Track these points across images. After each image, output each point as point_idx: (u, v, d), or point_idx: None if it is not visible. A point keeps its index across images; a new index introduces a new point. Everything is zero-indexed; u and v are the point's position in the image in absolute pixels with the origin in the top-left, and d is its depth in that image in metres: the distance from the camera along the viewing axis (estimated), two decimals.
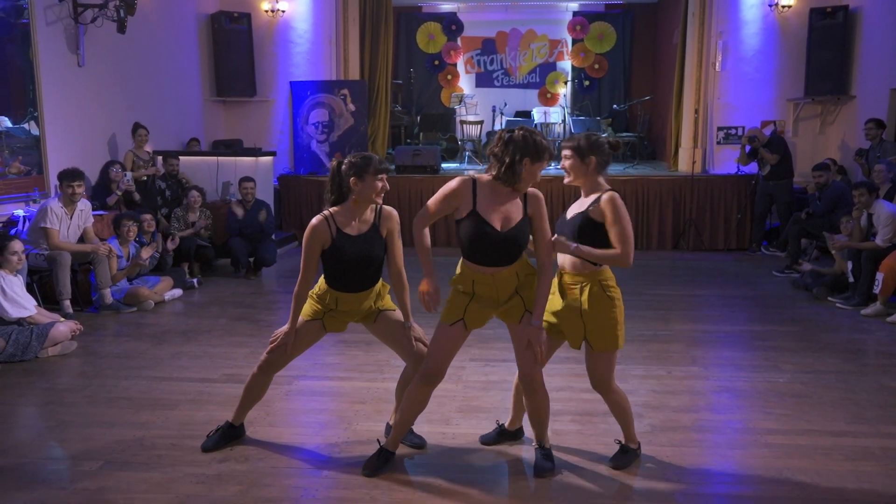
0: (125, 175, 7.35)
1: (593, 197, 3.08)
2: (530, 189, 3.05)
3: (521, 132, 3.00)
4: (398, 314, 3.42)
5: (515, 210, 3.02)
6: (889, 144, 7.88)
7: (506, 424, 3.54)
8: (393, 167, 10.29)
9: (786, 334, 5.45)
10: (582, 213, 3.07)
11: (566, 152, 3.08)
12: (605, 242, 3.03)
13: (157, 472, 3.23)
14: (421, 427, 3.72)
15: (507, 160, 2.95)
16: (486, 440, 3.55)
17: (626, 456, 3.31)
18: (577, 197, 3.22)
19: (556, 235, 3.11)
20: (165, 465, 3.30)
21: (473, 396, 4.17)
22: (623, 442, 3.34)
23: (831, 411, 3.94)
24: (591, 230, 3.03)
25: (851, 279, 6.34)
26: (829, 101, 9.64)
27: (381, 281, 3.41)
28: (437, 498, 3.02)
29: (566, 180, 3.17)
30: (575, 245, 3.01)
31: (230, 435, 3.50)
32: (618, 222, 2.98)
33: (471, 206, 3.00)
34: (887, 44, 8.45)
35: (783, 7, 9.60)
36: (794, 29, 9.64)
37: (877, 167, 7.01)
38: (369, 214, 3.32)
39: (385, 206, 3.37)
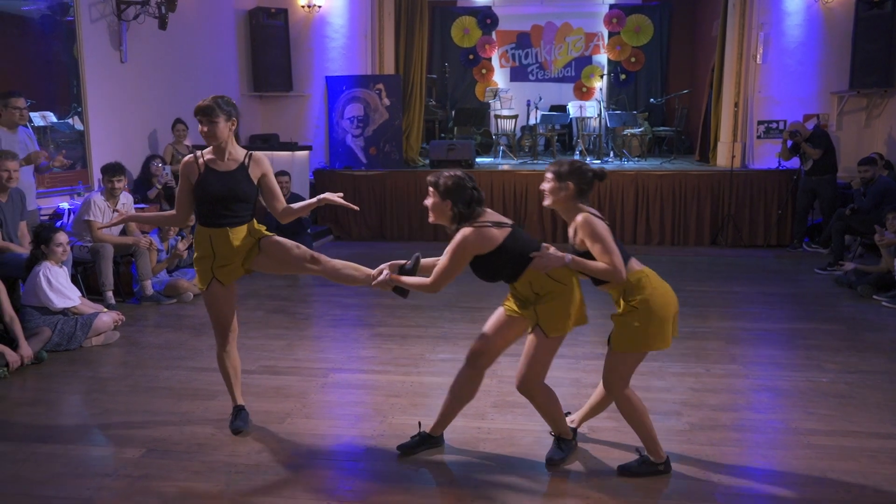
0: (165, 169, 7.48)
1: (573, 227, 3.10)
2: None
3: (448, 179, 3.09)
4: (278, 237, 3.50)
5: None
6: None
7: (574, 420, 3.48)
8: (427, 161, 10.31)
9: (829, 333, 5.32)
10: (572, 247, 3.12)
11: (548, 175, 3.10)
12: None
13: (197, 460, 3.29)
14: (456, 422, 3.72)
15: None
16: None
17: (641, 467, 3.15)
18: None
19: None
20: (205, 453, 3.36)
21: (508, 391, 4.16)
22: (644, 453, 3.18)
23: (877, 413, 3.84)
24: (588, 257, 3.04)
25: None
26: (876, 94, 9.37)
27: (254, 220, 3.50)
28: (473, 492, 3.02)
29: (544, 202, 3.16)
30: (570, 257, 3.00)
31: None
32: (597, 240, 2.98)
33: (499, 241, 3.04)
34: None
35: None
36: (838, 20, 9.38)
37: None
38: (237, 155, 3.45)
39: (255, 153, 3.53)
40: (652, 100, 12.68)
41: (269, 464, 3.27)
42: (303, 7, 10.41)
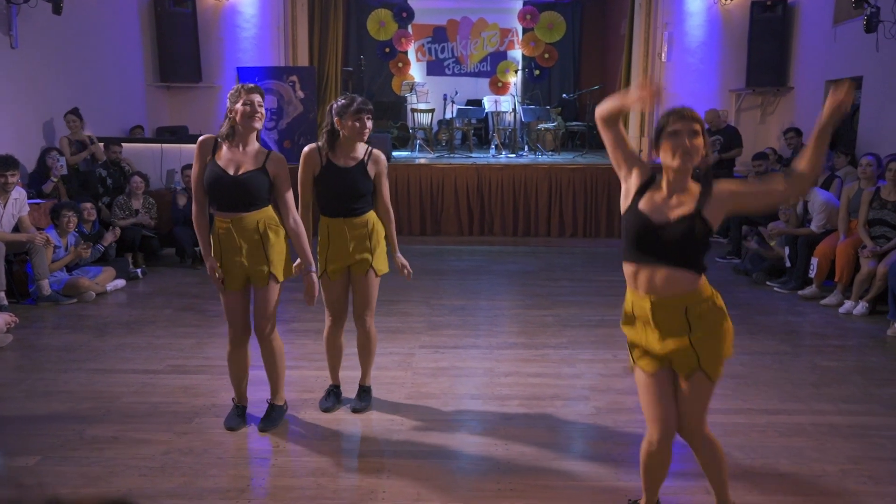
0: (59, 161, 7.09)
1: (693, 189, 2.38)
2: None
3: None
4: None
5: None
6: None
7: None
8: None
9: None
10: (691, 214, 2.32)
11: (695, 126, 2.35)
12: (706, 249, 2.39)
13: (97, 465, 3.16)
14: (370, 414, 3.73)
15: None
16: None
17: None
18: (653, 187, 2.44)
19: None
20: (106, 458, 3.23)
21: (423, 383, 4.19)
22: None
23: (766, 391, 4.09)
24: (704, 235, 2.32)
25: (788, 264, 6.57)
26: (769, 93, 9.94)
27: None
28: (385, 482, 3.03)
29: (686, 163, 2.33)
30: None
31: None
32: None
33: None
34: (822, 37, 8.74)
35: (726, 0, 9.83)
36: (736, 21, 9.89)
37: None
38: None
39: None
40: (565, 95, 12.98)
41: (175, 465, 3.17)
42: None
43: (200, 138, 3.40)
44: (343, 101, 3.49)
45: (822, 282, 6.18)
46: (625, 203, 2.49)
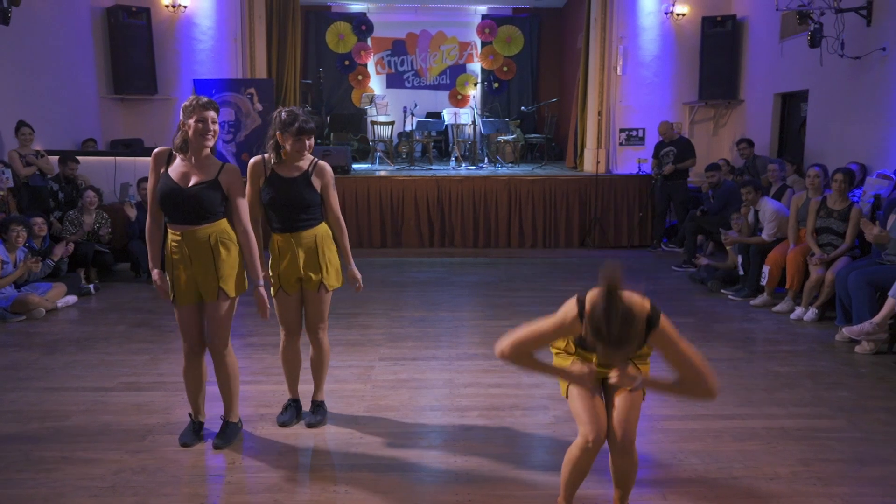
0: (5, 173, 6.88)
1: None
2: None
3: None
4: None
5: None
6: (761, 161, 8.42)
7: None
8: None
9: (683, 325, 5.71)
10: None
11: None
12: None
13: (44, 487, 3.06)
14: (328, 428, 3.69)
15: None
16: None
17: None
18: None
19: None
20: (55, 480, 3.13)
21: (382, 395, 4.17)
22: None
23: (722, 396, 4.17)
24: None
25: (741, 272, 6.73)
26: (721, 105, 10.21)
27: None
28: (343, 497, 3.00)
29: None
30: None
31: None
32: None
33: None
34: (770, 52, 9.03)
35: (678, 15, 10.08)
36: (688, 36, 10.15)
37: (770, 166, 7.48)
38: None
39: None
40: (523, 108, 13.14)
41: (127, 485, 3.09)
42: (167, 6, 9.97)
43: (155, 150, 3.34)
44: (285, 116, 3.40)
45: (774, 289, 6.34)
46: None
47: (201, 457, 3.38)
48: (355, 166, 10.55)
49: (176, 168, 3.25)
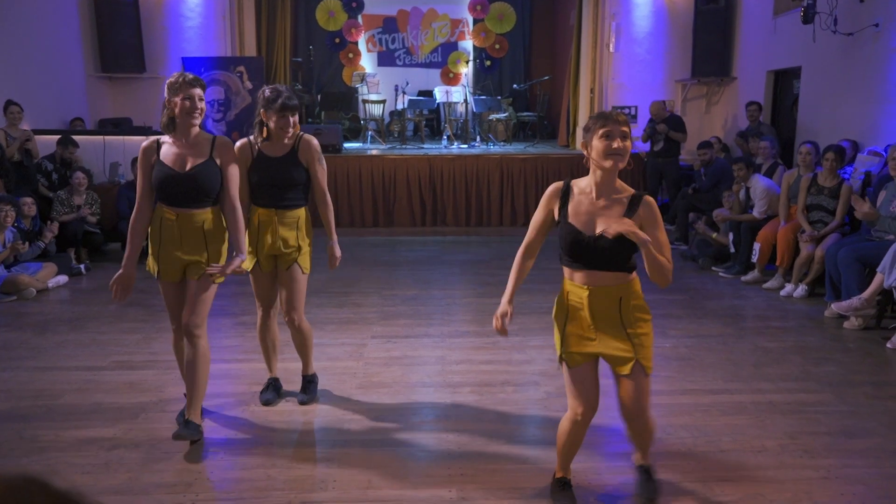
0: None
1: (620, 189, 2.52)
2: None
3: None
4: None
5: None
6: (766, 126, 8.40)
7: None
8: None
9: (674, 302, 5.76)
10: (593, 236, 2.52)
11: (624, 128, 2.42)
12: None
13: (36, 465, 3.07)
14: (321, 405, 3.71)
15: None
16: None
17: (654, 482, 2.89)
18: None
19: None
20: (46, 458, 3.14)
21: (374, 373, 4.19)
22: (644, 463, 2.92)
23: (711, 372, 4.21)
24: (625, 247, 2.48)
25: (732, 249, 6.76)
26: (714, 83, 10.18)
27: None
28: (336, 472, 3.03)
29: (622, 164, 2.45)
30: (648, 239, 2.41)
31: None
32: (662, 226, 2.56)
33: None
34: (764, 28, 8.98)
35: None
36: (681, 12, 10.09)
37: (762, 144, 7.47)
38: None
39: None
40: (515, 86, 13.06)
41: (120, 461, 3.10)
42: None
43: (142, 145, 3.23)
44: (269, 93, 3.37)
45: (765, 266, 6.38)
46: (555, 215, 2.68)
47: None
48: (347, 145, 10.49)
49: (168, 153, 3.18)
